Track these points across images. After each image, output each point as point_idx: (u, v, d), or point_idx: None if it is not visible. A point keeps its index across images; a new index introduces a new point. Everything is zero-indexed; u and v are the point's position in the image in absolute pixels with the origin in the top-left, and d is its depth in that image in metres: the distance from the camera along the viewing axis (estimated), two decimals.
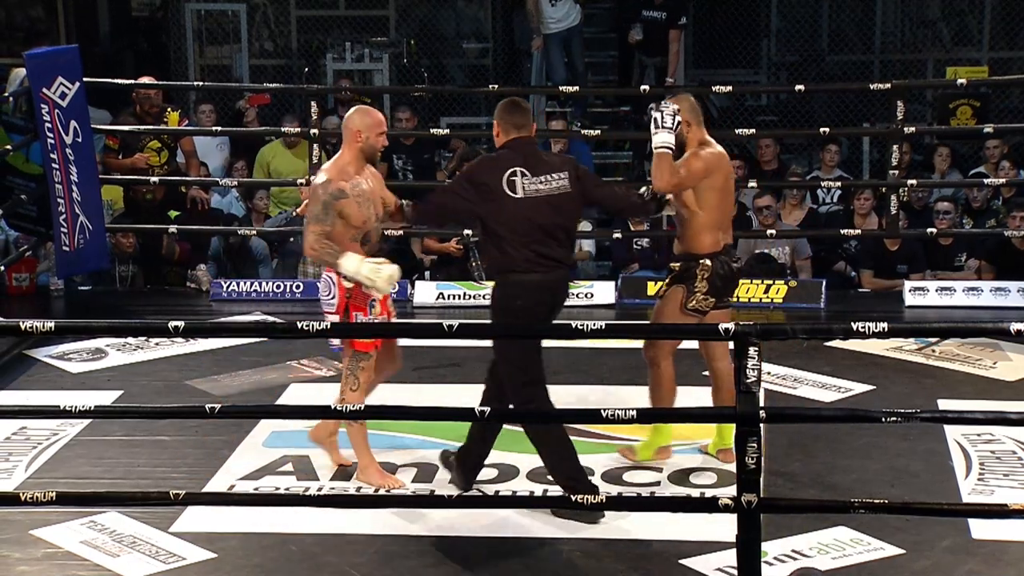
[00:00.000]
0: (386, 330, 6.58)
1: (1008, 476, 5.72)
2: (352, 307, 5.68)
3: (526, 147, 5.50)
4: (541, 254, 5.41)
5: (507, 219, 5.40)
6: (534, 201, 5.40)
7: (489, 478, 5.83)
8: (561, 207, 5.45)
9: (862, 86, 9.34)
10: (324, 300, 5.74)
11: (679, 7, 10.81)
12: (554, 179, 5.45)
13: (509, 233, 5.40)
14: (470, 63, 12.70)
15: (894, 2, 12.37)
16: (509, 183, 5.40)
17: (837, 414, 6.11)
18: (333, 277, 5.67)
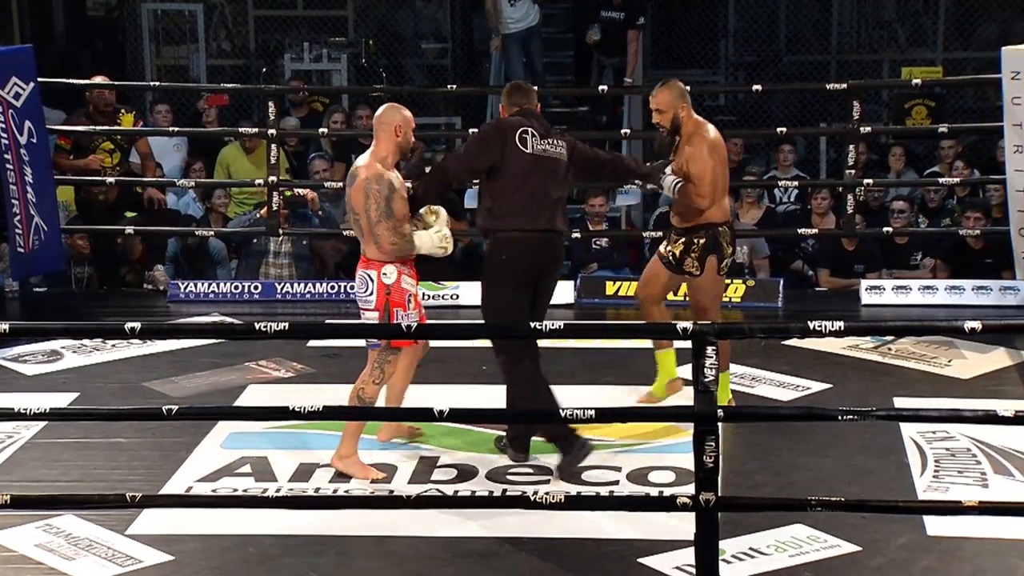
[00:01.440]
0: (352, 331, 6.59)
1: (962, 473, 5.77)
2: (392, 303, 5.79)
3: (533, 114, 5.91)
4: (531, 212, 5.76)
5: (512, 171, 5.75)
6: (538, 160, 5.78)
7: (448, 478, 5.83)
8: (558, 173, 5.84)
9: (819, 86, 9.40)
10: (362, 297, 5.84)
11: (637, 7, 10.84)
12: (557, 145, 5.87)
13: (508, 184, 5.76)
14: (429, 63, 12.69)
15: (850, 3, 12.45)
16: (521, 139, 5.79)
17: (794, 412, 6.15)
18: (372, 274, 5.78)
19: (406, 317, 5.79)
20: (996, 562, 5.03)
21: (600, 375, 7.14)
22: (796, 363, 7.20)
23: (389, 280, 5.77)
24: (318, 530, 5.29)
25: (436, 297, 8.68)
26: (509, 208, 5.80)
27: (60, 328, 6.44)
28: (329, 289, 8.90)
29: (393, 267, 5.78)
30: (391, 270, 5.78)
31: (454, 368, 7.24)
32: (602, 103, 11.04)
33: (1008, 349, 7.36)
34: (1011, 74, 7.49)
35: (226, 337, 7.25)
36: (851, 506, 4.95)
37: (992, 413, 4.69)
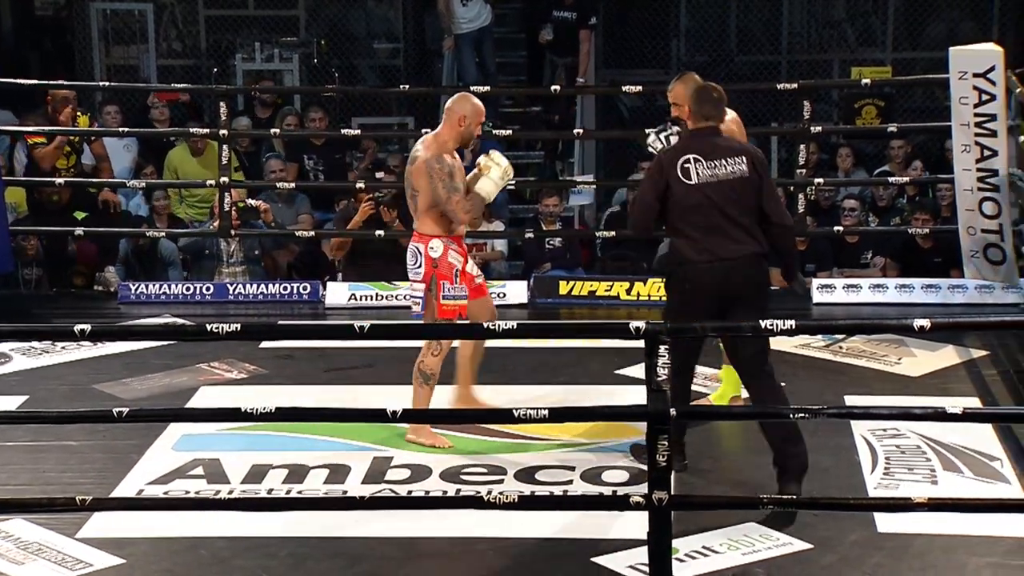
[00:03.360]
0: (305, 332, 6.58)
1: (913, 470, 5.82)
2: (439, 276, 6.03)
3: (706, 135, 5.60)
4: (713, 240, 5.47)
5: (679, 205, 5.50)
6: (707, 187, 5.48)
7: (402, 478, 5.82)
8: (738, 191, 5.50)
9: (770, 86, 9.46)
10: (412, 269, 6.10)
11: (589, 7, 10.86)
12: (730, 163, 5.52)
13: (680, 218, 5.51)
14: (381, 63, 12.66)
15: (800, 3, 12.52)
16: (683, 170, 5.50)
17: (747, 411, 6.18)
18: (421, 248, 6.04)
19: (453, 289, 6.06)
20: (946, 558, 5.08)
21: (554, 375, 7.15)
22: None
23: (436, 254, 6.04)
24: (271, 532, 5.27)
25: (389, 297, 8.67)
26: (693, 240, 5.49)
27: (9, 330, 6.35)
28: (282, 290, 8.87)
29: (440, 241, 6.06)
30: (438, 244, 6.05)
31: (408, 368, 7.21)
32: (555, 103, 11.05)
33: (957, 347, 7.42)
34: (959, 74, 7.55)
35: (177, 339, 7.23)
36: (803, 504, 4.99)
37: (941, 410, 4.74)
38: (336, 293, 8.76)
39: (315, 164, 10.21)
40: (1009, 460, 5.90)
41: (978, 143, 7.56)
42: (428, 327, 6.04)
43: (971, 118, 7.54)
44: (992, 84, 7.41)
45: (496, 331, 4.78)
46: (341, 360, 7.36)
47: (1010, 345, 7.46)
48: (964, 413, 4.80)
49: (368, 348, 7.23)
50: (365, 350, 7.28)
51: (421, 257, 6.06)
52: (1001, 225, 7.70)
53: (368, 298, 8.70)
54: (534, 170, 11.39)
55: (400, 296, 8.68)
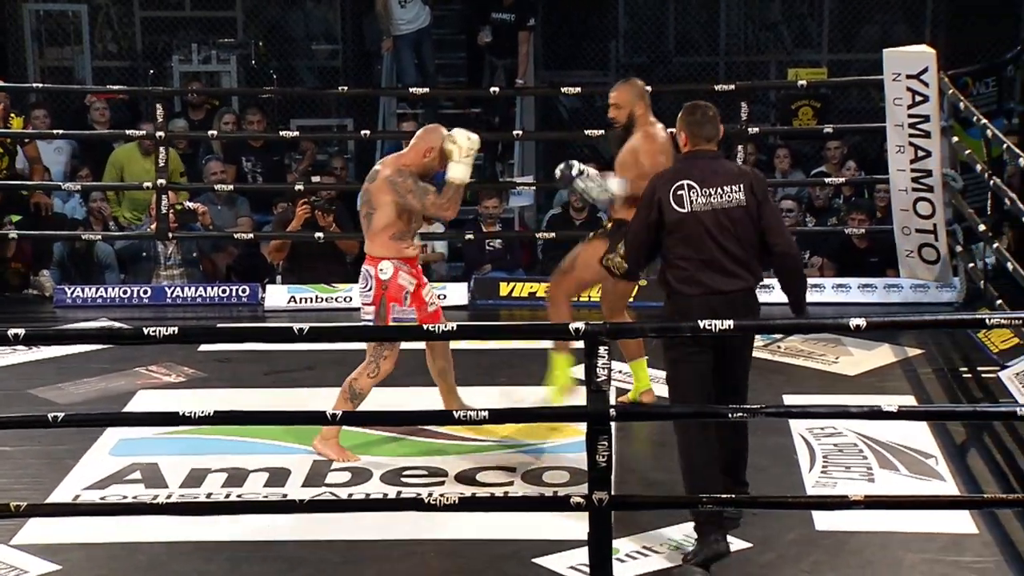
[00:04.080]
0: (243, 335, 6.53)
1: (850, 469, 5.87)
2: (388, 298, 6.00)
3: (702, 159, 5.19)
4: (705, 272, 5.09)
5: (671, 234, 5.12)
6: (701, 215, 5.08)
7: (342, 481, 5.80)
8: (734, 220, 5.09)
9: (707, 87, 9.48)
10: (362, 292, 6.06)
11: (528, 9, 10.87)
12: (727, 191, 5.11)
13: (675, 249, 5.13)
14: (320, 64, 12.62)
15: (737, 5, 12.61)
16: (676, 197, 5.10)
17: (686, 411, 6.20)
18: (371, 270, 5.99)
19: (402, 311, 6.05)
20: (883, 554, 5.14)
21: (495, 376, 7.15)
22: None
23: (385, 276, 5.99)
24: (209, 536, 5.23)
25: (329, 300, 8.64)
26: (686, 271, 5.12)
27: None
28: (221, 293, 8.81)
29: (390, 263, 6.01)
30: (388, 266, 6.00)
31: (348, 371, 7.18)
32: (494, 104, 11.05)
33: (892, 346, 7.50)
34: (892, 76, 7.63)
35: (114, 342, 7.16)
36: (741, 503, 5.02)
37: (877, 409, 4.78)
38: (275, 296, 8.72)
39: (254, 166, 10.15)
40: (944, 457, 5.97)
41: (912, 144, 7.65)
42: (365, 328, 6.02)
43: (905, 119, 7.62)
44: (925, 85, 7.50)
45: (436, 333, 4.77)
46: (281, 363, 7.32)
47: (944, 343, 7.55)
48: (899, 411, 4.84)
49: (308, 351, 7.19)
50: (305, 353, 7.25)
51: (371, 280, 6.01)
52: (935, 225, 7.80)
53: (308, 300, 8.66)
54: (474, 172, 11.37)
55: (340, 298, 8.66)
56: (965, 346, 7.49)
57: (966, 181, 8.48)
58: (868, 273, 8.79)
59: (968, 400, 6.76)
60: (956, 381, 7.05)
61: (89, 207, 9.48)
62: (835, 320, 4.91)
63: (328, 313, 8.49)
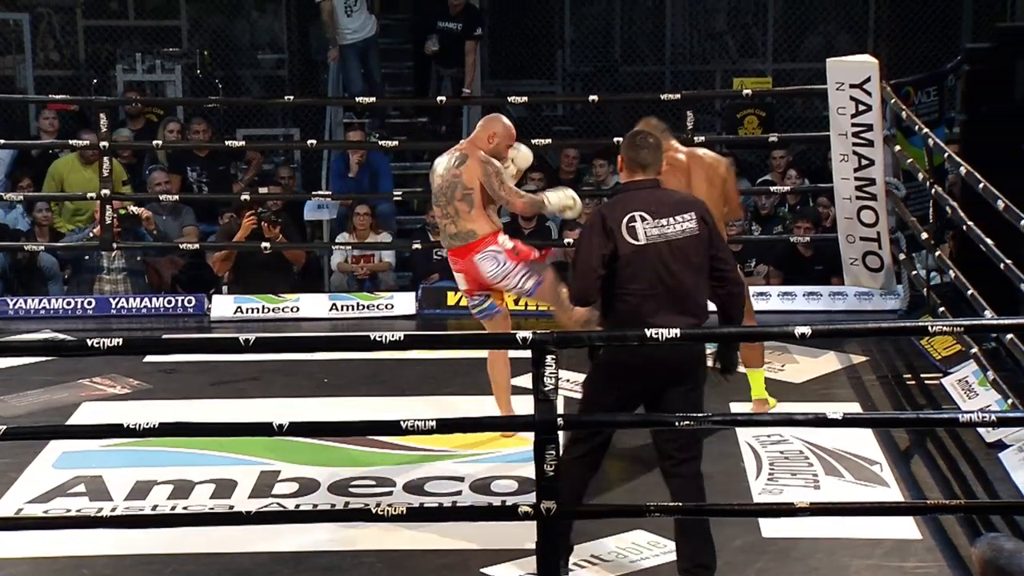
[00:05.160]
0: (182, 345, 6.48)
1: (796, 475, 5.91)
2: (522, 255, 6.18)
3: (644, 189, 4.95)
4: (650, 308, 4.84)
5: (623, 269, 4.85)
6: (653, 248, 4.85)
7: (289, 492, 5.78)
8: (687, 251, 4.88)
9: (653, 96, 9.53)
10: (500, 271, 6.14)
11: (474, 18, 10.88)
12: (679, 220, 4.88)
13: (626, 284, 4.86)
14: (266, 74, 12.57)
15: (683, 15, 12.68)
16: (629, 229, 4.86)
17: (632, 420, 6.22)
18: (494, 248, 6.15)
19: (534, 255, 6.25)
20: (828, 560, 5.17)
21: (442, 386, 7.14)
22: None
23: (509, 245, 6.17)
24: (155, 549, 5.19)
25: (276, 310, 8.60)
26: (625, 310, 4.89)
27: None
28: (166, 303, 8.75)
29: (502, 235, 6.21)
30: (503, 238, 6.19)
31: (296, 381, 7.18)
32: (441, 113, 11.06)
33: (838, 353, 7.55)
34: (835, 85, 7.70)
35: (57, 354, 7.09)
36: (689, 510, 5.03)
37: (822, 416, 4.82)
38: (222, 306, 8.67)
39: (199, 176, 10.10)
40: (888, 463, 6.02)
41: (856, 152, 7.71)
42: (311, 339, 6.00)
43: (848, 128, 7.69)
44: (868, 95, 7.57)
45: (383, 342, 4.76)
46: (228, 373, 7.28)
47: (888, 350, 7.62)
48: (844, 418, 4.87)
49: (254, 361, 7.16)
50: (251, 363, 7.21)
51: (501, 255, 6.13)
52: (879, 233, 7.86)
53: (254, 311, 8.62)
54: (421, 181, 11.37)
55: (287, 308, 8.62)
56: (909, 353, 7.56)
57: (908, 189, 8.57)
58: (813, 281, 8.85)
59: (912, 407, 6.82)
60: (900, 388, 7.12)
61: (34, 217, 9.38)
62: (781, 328, 4.95)
63: (275, 324, 8.45)
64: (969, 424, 4.94)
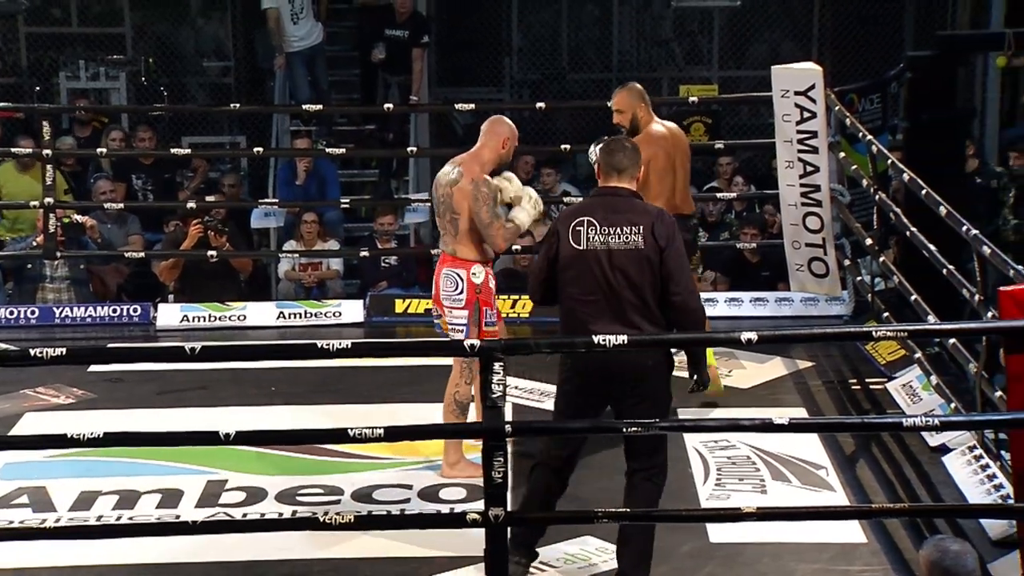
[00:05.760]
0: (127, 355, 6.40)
1: (743, 481, 5.94)
2: (482, 302, 5.93)
3: (611, 196, 4.97)
4: (594, 315, 4.88)
5: (564, 271, 4.93)
6: (595, 254, 4.87)
7: (237, 501, 5.75)
8: (629, 265, 4.86)
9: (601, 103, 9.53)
10: (451, 295, 5.94)
11: (421, 26, 10.88)
12: (624, 232, 4.88)
13: (567, 288, 4.94)
14: (211, 81, 12.49)
15: (630, 22, 12.72)
16: (574, 233, 4.91)
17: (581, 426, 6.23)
18: (462, 273, 5.90)
19: (492, 315, 5.97)
20: (775, 565, 5.20)
21: (390, 393, 7.13)
22: None
23: (478, 280, 5.93)
24: (101, 560, 5.15)
25: (223, 318, 8.56)
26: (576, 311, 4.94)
27: None
28: (111, 312, 8.68)
29: (481, 267, 5.95)
30: (479, 270, 5.94)
31: (243, 389, 7.14)
32: (389, 121, 11.03)
33: (784, 359, 7.60)
34: (780, 92, 7.75)
35: None
36: (636, 516, 5.04)
37: (769, 422, 4.84)
38: (168, 315, 8.62)
39: (144, 183, 10.03)
40: (834, 468, 6.07)
41: (801, 159, 7.77)
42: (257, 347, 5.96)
43: (794, 135, 7.74)
44: (812, 102, 7.63)
45: (331, 351, 4.74)
46: (174, 382, 7.23)
47: (834, 356, 7.68)
48: (791, 424, 4.91)
49: (201, 370, 7.12)
50: (198, 372, 7.17)
51: (463, 283, 5.91)
52: (824, 239, 7.92)
53: (201, 319, 8.57)
54: (369, 188, 11.36)
55: (234, 316, 8.57)
56: (854, 358, 7.62)
57: (853, 196, 8.65)
58: (760, 287, 8.91)
59: (857, 411, 6.88)
60: (845, 393, 7.17)
61: None
62: (728, 334, 4.96)
63: (221, 332, 8.41)
64: (913, 428, 4.97)
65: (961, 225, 6.01)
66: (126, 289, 9.41)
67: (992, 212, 9.40)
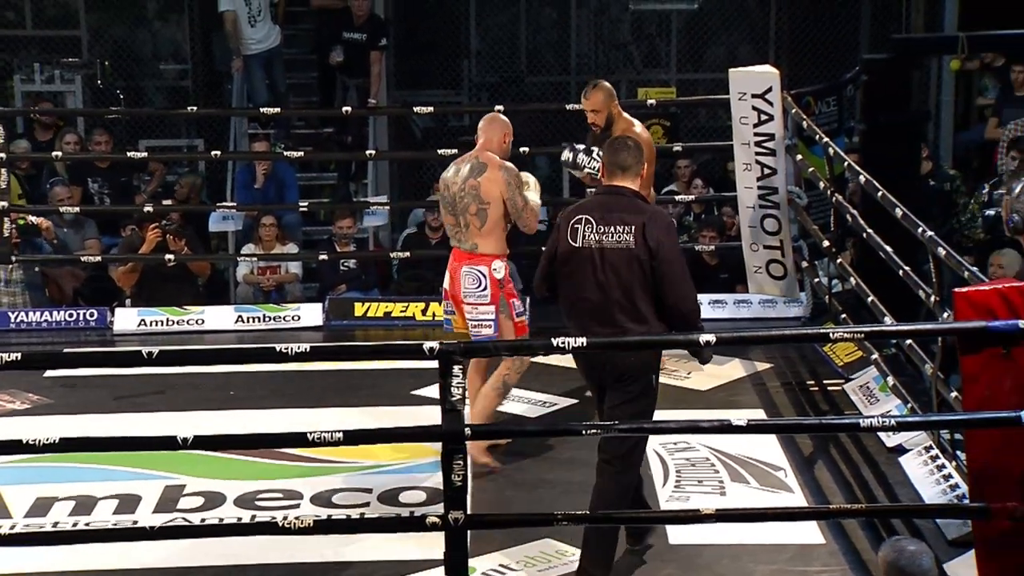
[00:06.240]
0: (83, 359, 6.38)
1: (702, 482, 5.96)
2: (507, 295, 6.02)
3: (611, 196, 5.07)
4: (584, 312, 5.01)
5: (561, 267, 5.06)
6: (590, 252, 4.98)
7: (195, 506, 5.72)
8: (620, 265, 4.94)
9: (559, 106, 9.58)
10: (474, 292, 6.00)
11: (379, 29, 10.85)
12: (618, 232, 4.96)
13: (563, 284, 5.07)
14: (169, 84, 12.42)
15: (588, 26, 12.75)
16: (572, 230, 5.03)
17: (541, 429, 6.25)
18: (484, 270, 5.97)
19: (520, 306, 6.06)
20: (734, 566, 5.22)
21: (350, 397, 7.11)
22: (542, 380, 7.30)
23: (500, 275, 6.01)
24: (58, 566, 5.12)
25: (181, 322, 8.52)
26: (569, 308, 5.10)
27: None
28: (68, 317, 8.62)
29: (501, 262, 6.02)
30: (500, 265, 6.02)
31: (201, 394, 7.11)
32: (347, 124, 11.01)
33: (743, 360, 7.63)
34: (738, 95, 7.78)
35: None
36: (595, 519, 5.06)
37: (727, 423, 4.87)
38: (125, 319, 8.56)
39: (100, 187, 9.96)
40: (792, 469, 6.10)
41: (758, 162, 7.81)
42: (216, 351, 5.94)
43: (751, 137, 7.78)
44: (769, 105, 7.66)
45: (289, 354, 4.72)
46: (130, 387, 7.19)
47: (792, 357, 7.72)
48: (749, 425, 4.93)
49: (158, 374, 7.08)
50: (155, 376, 7.13)
51: (486, 280, 5.99)
52: (782, 241, 7.96)
53: (158, 324, 8.53)
54: (327, 191, 11.33)
55: (192, 320, 8.53)
56: (812, 360, 7.67)
57: (810, 198, 8.70)
58: (718, 289, 8.94)
59: (815, 413, 6.92)
60: (803, 394, 7.21)
61: None
62: (686, 336, 4.98)
63: (179, 336, 8.36)
64: (870, 429, 5.01)
65: (917, 227, 6.06)
66: (82, 293, 9.34)
67: (946, 214, 9.48)
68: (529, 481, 6.01)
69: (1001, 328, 4.52)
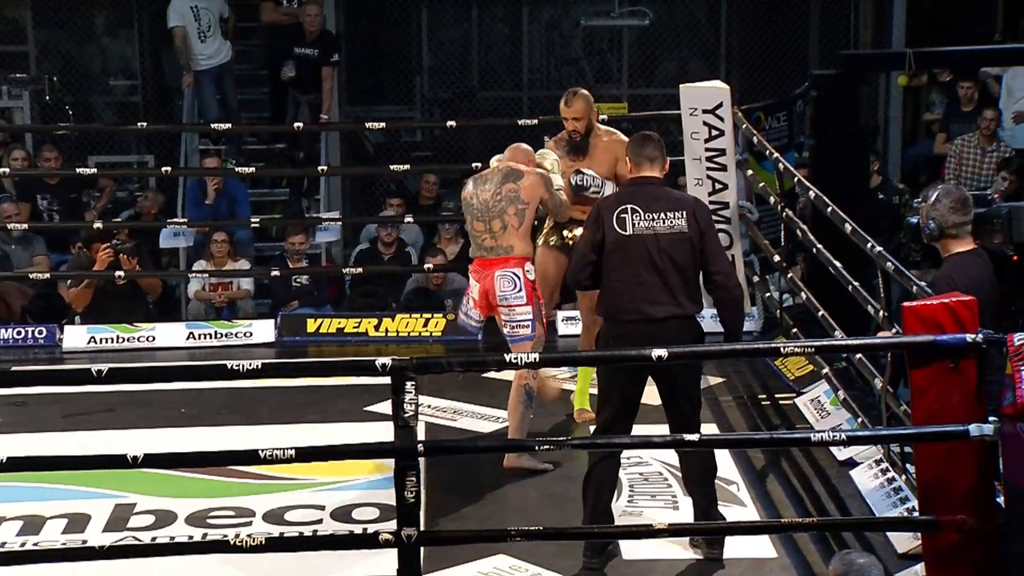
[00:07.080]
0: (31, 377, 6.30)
1: (655, 497, 5.97)
2: (538, 297, 6.20)
3: (647, 186, 5.34)
4: (640, 297, 5.21)
5: (610, 256, 5.24)
6: (641, 239, 5.21)
7: (145, 525, 5.68)
8: (674, 247, 5.22)
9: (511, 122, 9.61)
10: (512, 295, 6.12)
11: (331, 44, 10.84)
12: (669, 217, 5.24)
13: (614, 271, 5.24)
14: (118, 100, 12.34)
15: (539, 41, 12.78)
16: (619, 220, 5.24)
17: (494, 444, 6.25)
18: (519, 272, 6.10)
19: (542, 306, 6.27)
20: None
21: (302, 413, 7.09)
22: (496, 395, 7.29)
23: (532, 276, 6.17)
24: None
25: (131, 340, 8.46)
26: (622, 295, 5.24)
27: None
28: (16, 335, 8.54)
29: (531, 264, 6.20)
30: (531, 267, 6.20)
31: (152, 411, 7.06)
32: (299, 140, 10.98)
33: None
34: (689, 110, 7.82)
35: None
36: (549, 535, 5.06)
37: (680, 439, 4.88)
38: (74, 337, 8.50)
39: (49, 204, 9.88)
40: (745, 483, 6.12)
41: (710, 176, 7.84)
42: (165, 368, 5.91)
43: (702, 152, 7.81)
44: (720, 120, 7.71)
45: (241, 371, 4.70)
46: (80, 405, 7.12)
47: (744, 371, 7.75)
48: (702, 440, 4.96)
49: (108, 392, 7.01)
50: (105, 394, 7.06)
51: (520, 281, 6.13)
52: (733, 256, 7.99)
53: (108, 341, 8.46)
54: (279, 207, 11.29)
55: (142, 338, 8.47)
56: (763, 374, 7.70)
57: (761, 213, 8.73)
58: None
59: (767, 427, 6.95)
60: (755, 408, 7.25)
61: None
62: (639, 351, 4.99)
63: (130, 353, 8.31)
64: (821, 443, 5.04)
65: (866, 242, 6.11)
66: (30, 311, 9.25)
67: (894, 228, 9.56)
68: (482, 497, 6.00)
69: (949, 342, 4.57)
